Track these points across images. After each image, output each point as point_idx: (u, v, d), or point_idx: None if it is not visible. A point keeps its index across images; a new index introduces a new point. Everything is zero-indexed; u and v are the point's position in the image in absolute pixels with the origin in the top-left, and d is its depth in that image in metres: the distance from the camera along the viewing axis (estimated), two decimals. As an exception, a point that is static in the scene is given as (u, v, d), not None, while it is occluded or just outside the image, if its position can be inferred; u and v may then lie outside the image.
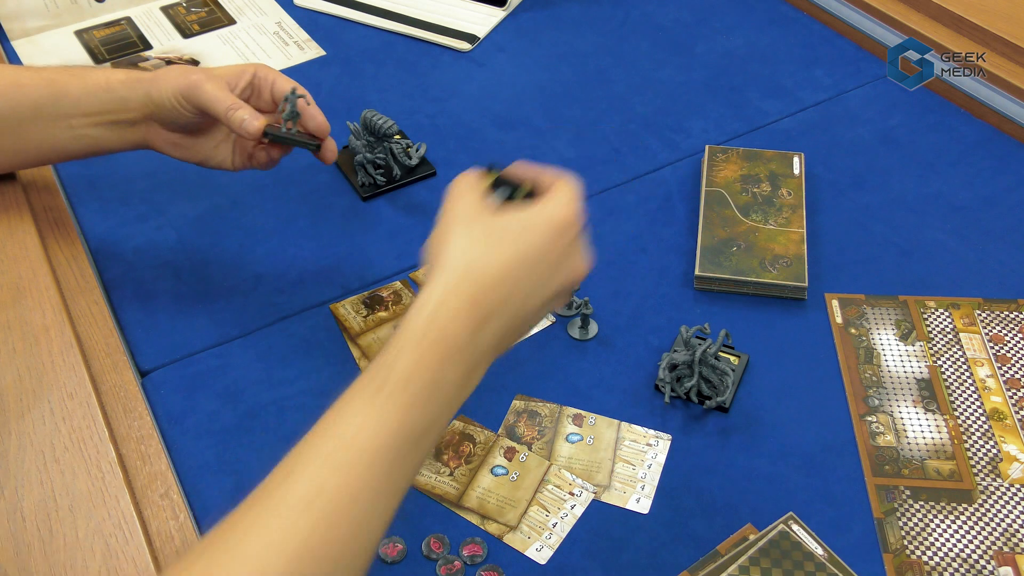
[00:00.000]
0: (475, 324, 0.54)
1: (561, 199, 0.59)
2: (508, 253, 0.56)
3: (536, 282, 0.57)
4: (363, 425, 0.50)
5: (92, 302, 0.78)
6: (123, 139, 0.77)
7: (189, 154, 0.78)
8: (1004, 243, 0.87)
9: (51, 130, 0.76)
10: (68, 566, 0.58)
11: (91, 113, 0.75)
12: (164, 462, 0.67)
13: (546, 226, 0.57)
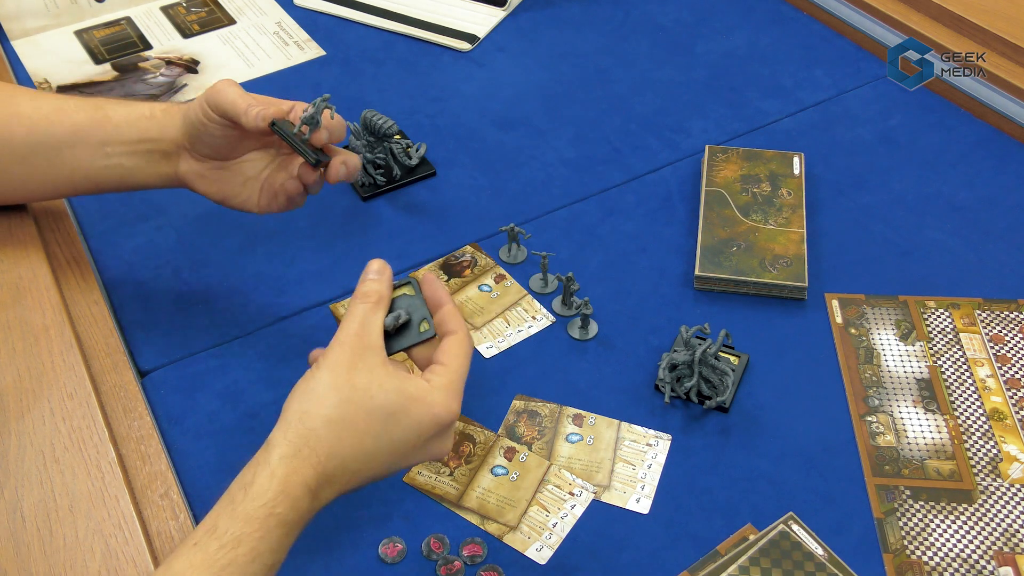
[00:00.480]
0: (314, 500, 0.55)
1: (442, 394, 0.58)
2: (367, 445, 0.56)
3: (390, 466, 0.58)
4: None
5: (92, 302, 0.78)
6: (156, 170, 0.75)
7: (215, 188, 0.75)
8: (1004, 243, 0.87)
9: (87, 156, 0.74)
10: (68, 566, 0.58)
11: (129, 141, 0.74)
12: (164, 462, 0.67)
13: (417, 427, 0.57)
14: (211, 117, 0.70)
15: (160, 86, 1.09)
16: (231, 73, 1.11)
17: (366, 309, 0.59)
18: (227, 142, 0.73)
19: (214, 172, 0.75)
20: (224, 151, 0.74)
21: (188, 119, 0.72)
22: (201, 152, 0.74)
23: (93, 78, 1.10)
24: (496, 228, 0.89)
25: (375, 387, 0.56)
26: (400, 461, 0.58)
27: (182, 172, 0.75)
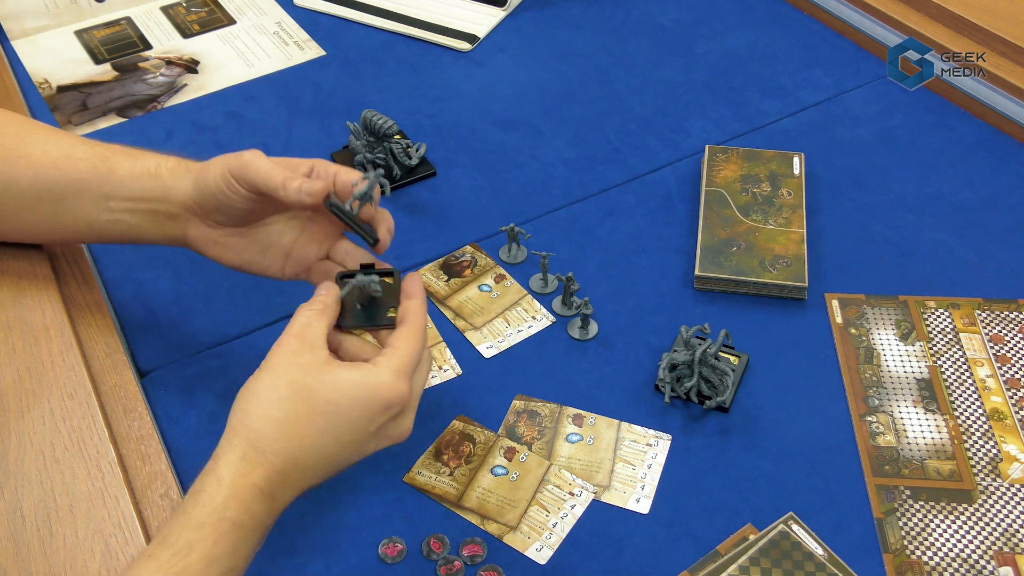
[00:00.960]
0: (271, 501, 0.54)
1: (388, 375, 0.57)
2: (316, 439, 0.56)
3: (348, 456, 0.58)
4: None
5: (92, 302, 0.78)
6: (161, 230, 0.70)
7: (231, 255, 0.70)
8: (1004, 243, 0.87)
9: (91, 209, 0.70)
10: (68, 566, 0.58)
11: (133, 198, 0.69)
12: (164, 462, 0.67)
13: (366, 411, 0.57)
14: (237, 191, 0.65)
15: (160, 86, 1.09)
16: (231, 73, 1.11)
17: (309, 315, 0.60)
18: (251, 213, 0.68)
19: (230, 239, 0.69)
20: (244, 220, 0.68)
21: (204, 187, 0.66)
22: (216, 220, 0.68)
23: (93, 78, 1.10)
24: (496, 228, 0.89)
25: (316, 382, 0.56)
26: (357, 450, 0.58)
27: (191, 237, 0.69)
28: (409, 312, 0.62)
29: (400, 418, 0.59)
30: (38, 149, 0.71)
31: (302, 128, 1.03)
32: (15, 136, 0.72)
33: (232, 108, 1.06)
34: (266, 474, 0.54)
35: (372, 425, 0.57)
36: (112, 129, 1.02)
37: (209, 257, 0.70)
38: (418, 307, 0.63)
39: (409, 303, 0.63)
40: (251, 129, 1.03)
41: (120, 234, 0.71)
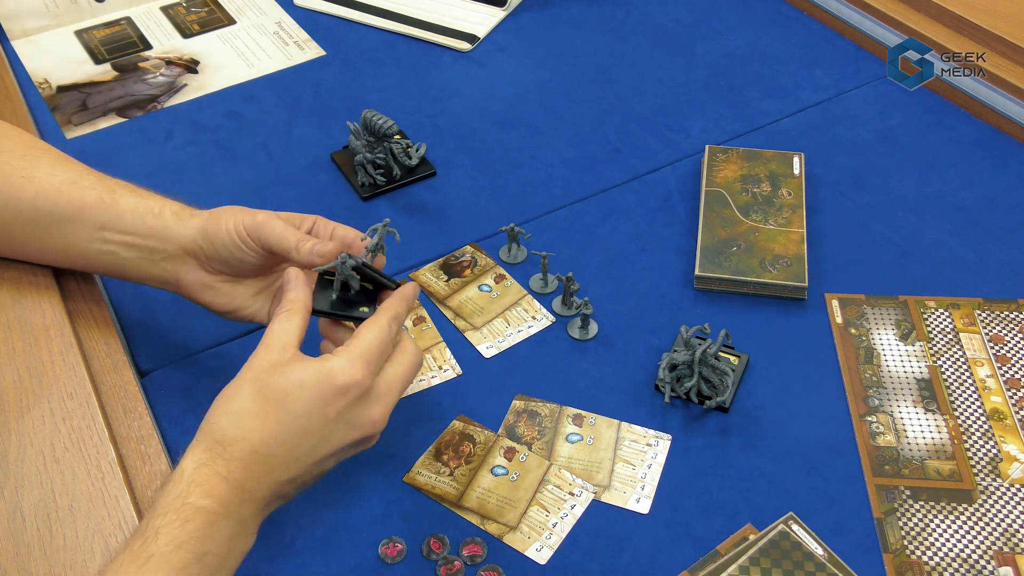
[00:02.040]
0: (241, 491, 0.55)
1: (341, 360, 0.58)
2: (273, 427, 0.56)
3: (315, 447, 0.58)
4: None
5: (92, 302, 0.78)
6: (153, 270, 0.70)
7: (222, 301, 0.71)
8: (1004, 243, 0.87)
9: (85, 237, 0.70)
10: (68, 566, 0.58)
11: (132, 233, 0.69)
12: (164, 462, 0.67)
13: (319, 397, 0.57)
14: (251, 247, 0.67)
15: (160, 86, 1.09)
16: (231, 73, 1.11)
17: (279, 319, 0.61)
18: (259, 269, 0.70)
19: (224, 285, 0.71)
20: (249, 273, 0.71)
21: (215, 237, 0.67)
22: (217, 268, 0.70)
23: (93, 78, 1.10)
24: (496, 228, 0.89)
25: (275, 377, 0.57)
26: (320, 436, 0.58)
27: (185, 282, 0.70)
28: (383, 305, 0.64)
29: (364, 404, 0.59)
30: (44, 172, 0.71)
31: (302, 128, 1.03)
32: (23, 157, 0.73)
33: (232, 108, 1.06)
34: (227, 464, 0.55)
35: (329, 409, 0.58)
36: (112, 129, 1.02)
37: (197, 302, 0.71)
38: (394, 302, 0.64)
39: (389, 296, 0.64)
40: (251, 129, 1.03)
41: (108, 266, 0.72)
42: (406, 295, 0.65)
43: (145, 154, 0.99)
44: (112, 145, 1.01)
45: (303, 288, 0.63)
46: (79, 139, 1.01)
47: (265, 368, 0.58)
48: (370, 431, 0.60)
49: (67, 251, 0.72)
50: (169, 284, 0.71)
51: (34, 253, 0.75)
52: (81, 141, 1.01)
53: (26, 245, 0.74)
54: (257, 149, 1.00)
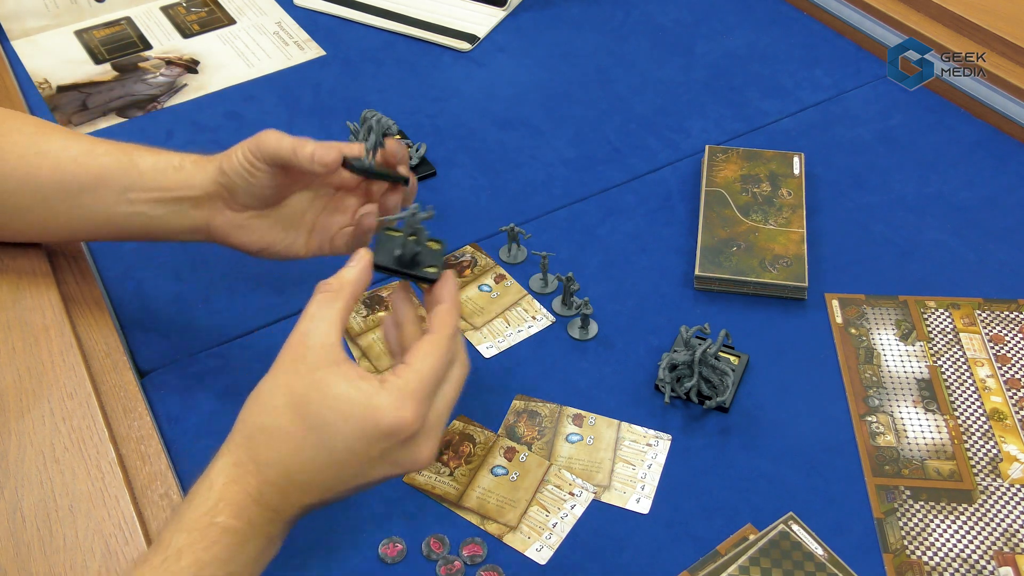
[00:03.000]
0: (270, 511, 0.52)
1: (391, 398, 0.51)
2: (308, 455, 0.52)
3: (351, 480, 0.53)
4: None
5: (92, 302, 0.78)
6: (183, 220, 0.70)
7: (254, 238, 0.70)
8: (1004, 243, 0.87)
9: (110, 202, 0.69)
10: (68, 566, 0.58)
11: (154, 188, 0.69)
12: (164, 462, 0.67)
13: (360, 436, 0.51)
14: (258, 166, 0.66)
15: (160, 86, 1.09)
16: (231, 73, 1.11)
17: (320, 302, 0.54)
18: (276, 190, 0.68)
19: (253, 221, 0.70)
20: (271, 199, 0.69)
21: (228, 170, 0.67)
22: (242, 202, 0.69)
23: (93, 78, 1.10)
24: (496, 228, 0.89)
25: (314, 393, 0.52)
26: (360, 474, 0.53)
27: (216, 225, 0.69)
28: (435, 320, 0.56)
29: (412, 445, 0.53)
30: (57, 145, 0.71)
31: (302, 128, 1.03)
32: (33, 134, 0.72)
33: (232, 108, 1.06)
34: (258, 484, 0.52)
35: (372, 450, 0.52)
36: (112, 129, 1.02)
37: (233, 244, 0.70)
38: (447, 313, 0.56)
39: (438, 308, 0.57)
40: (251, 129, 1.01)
41: (139, 228, 0.71)
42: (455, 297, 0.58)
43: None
44: (112, 145, 1.00)
45: (356, 266, 0.56)
46: (79, 139, 1.01)
47: (301, 374, 0.52)
48: (415, 468, 0.54)
49: (94, 221, 0.71)
50: (200, 232, 0.70)
51: (61, 230, 0.74)
52: (81, 141, 1.01)
53: (51, 223, 0.73)
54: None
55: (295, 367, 0.53)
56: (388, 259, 0.58)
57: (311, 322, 0.54)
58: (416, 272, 0.58)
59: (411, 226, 0.59)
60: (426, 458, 0.53)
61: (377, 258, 0.58)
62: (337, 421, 0.51)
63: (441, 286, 0.58)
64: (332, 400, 0.51)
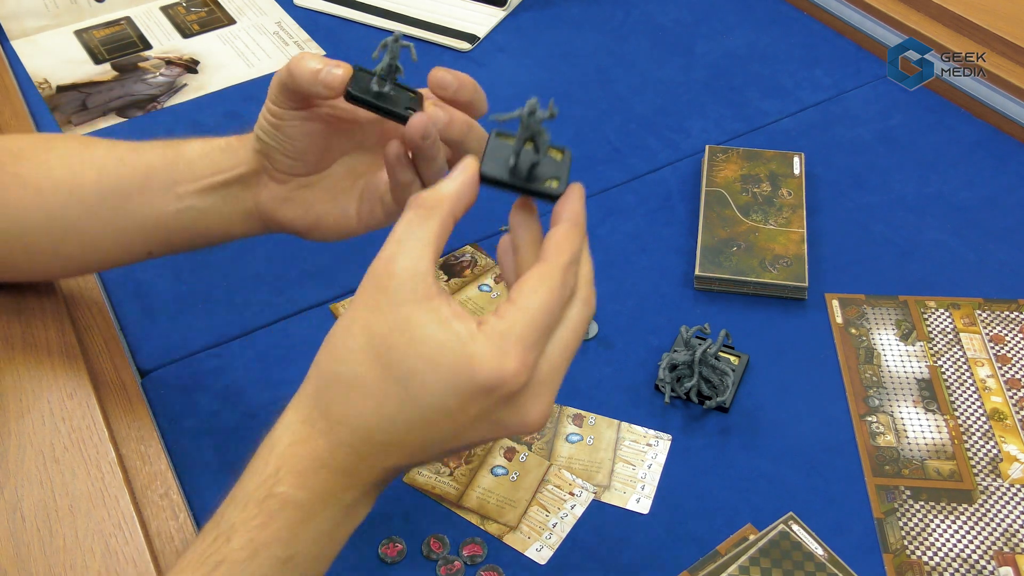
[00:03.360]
0: (346, 476, 0.44)
1: (489, 345, 0.42)
2: (389, 411, 0.43)
3: (436, 441, 0.44)
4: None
5: (92, 302, 0.78)
6: (234, 205, 0.63)
7: (302, 211, 0.62)
8: (1004, 243, 0.87)
9: (158, 201, 0.63)
10: (68, 566, 0.58)
11: (203, 176, 0.63)
12: (164, 462, 0.67)
13: (452, 389, 0.42)
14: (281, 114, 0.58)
15: (160, 86, 1.09)
16: (231, 73, 1.11)
17: (409, 221, 0.45)
18: (310, 142, 0.60)
19: (300, 192, 0.62)
20: (312, 159, 0.61)
21: (260, 131, 0.61)
22: (282, 167, 0.61)
23: (93, 78, 1.10)
24: (496, 228, 0.89)
25: (397, 336, 0.42)
26: (457, 436, 0.44)
27: (263, 201, 0.62)
28: (548, 245, 0.45)
29: (518, 403, 0.44)
30: (102, 151, 0.66)
31: (302, 128, 1.03)
32: (78, 146, 0.67)
33: (232, 108, 1.06)
34: (329, 446, 0.44)
35: (469, 408, 0.43)
36: (112, 129, 1.02)
37: (282, 224, 0.63)
38: (563, 238, 0.45)
39: (552, 232, 0.46)
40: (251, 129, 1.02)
41: (189, 225, 0.64)
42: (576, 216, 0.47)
43: (145, 154, 0.99)
44: (112, 145, 1.00)
45: (459, 177, 0.47)
46: (79, 139, 1.01)
47: (382, 310, 0.43)
48: (523, 431, 0.45)
49: (143, 228, 0.64)
50: (251, 217, 0.63)
51: (106, 245, 0.66)
52: (81, 141, 1.01)
53: (100, 240, 0.66)
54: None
55: (376, 301, 0.43)
56: (499, 170, 0.47)
57: (397, 245, 0.44)
58: (533, 187, 0.47)
59: (528, 128, 0.47)
60: (536, 419, 0.44)
61: (485, 168, 0.47)
62: (425, 371, 0.42)
63: (562, 204, 0.47)
64: (419, 345, 0.42)
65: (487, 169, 0.47)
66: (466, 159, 0.47)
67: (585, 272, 0.46)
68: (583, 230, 0.46)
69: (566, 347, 0.45)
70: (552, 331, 0.44)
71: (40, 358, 0.70)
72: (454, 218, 0.46)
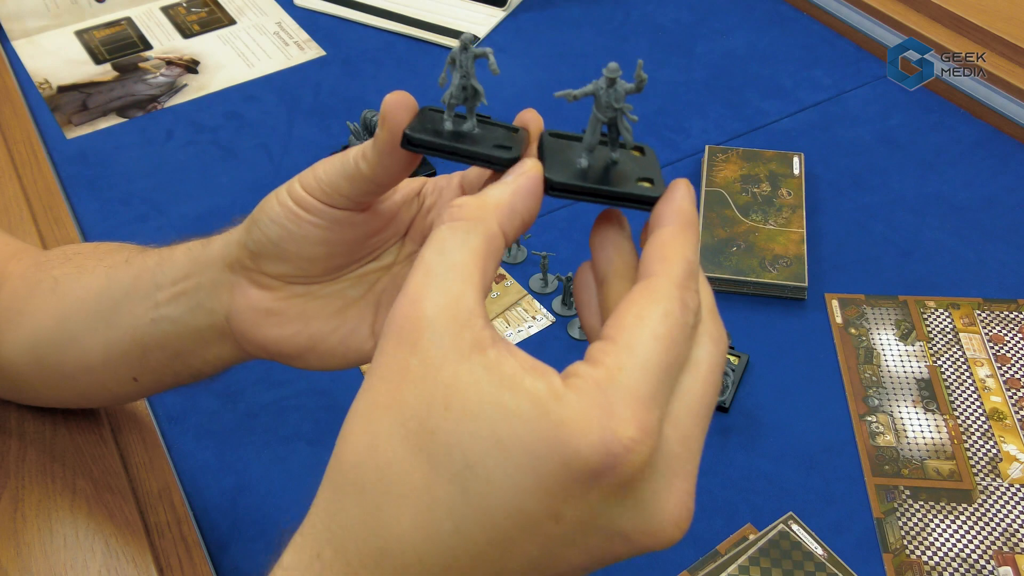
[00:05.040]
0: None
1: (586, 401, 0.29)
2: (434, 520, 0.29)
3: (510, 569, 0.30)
4: None
5: (92, 302, 0.78)
6: (200, 320, 0.47)
7: (289, 329, 0.45)
8: (1004, 243, 0.87)
9: (138, 309, 0.50)
10: (68, 566, 0.58)
11: (178, 279, 0.48)
12: (164, 462, 0.67)
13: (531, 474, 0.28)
14: (314, 207, 0.42)
15: (160, 86, 1.09)
16: (231, 74, 1.11)
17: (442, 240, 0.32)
18: (330, 248, 0.43)
19: (290, 303, 0.45)
20: (319, 265, 0.44)
21: (261, 220, 0.43)
22: (274, 271, 0.44)
23: (93, 78, 1.10)
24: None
25: (441, 409, 0.29)
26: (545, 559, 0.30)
27: (238, 309, 0.45)
28: (652, 256, 0.32)
29: (639, 494, 0.30)
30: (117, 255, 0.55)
31: (302, 128, 1.03)
32: (95, 246, 0.59)
33: (232, 108, 1.06)
34: None
35: (566, 509, 0.29)
36: (112, 129, 1.02)
37: (264, 346, 0.46)
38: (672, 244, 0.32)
39: (655, 238, 0.33)
40: (251, 129, 1.03)
41: (164, 341, 0.50)
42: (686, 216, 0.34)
43: (145, 154, 1.00)
44: (112, 145, 1.01)
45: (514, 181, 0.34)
46: (79, 139, 1.01)
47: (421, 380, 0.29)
48: (654, 540, 0.32)
49: (122, 342, 0.51)
50: (224, 337, 0.47)
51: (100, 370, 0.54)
52: (81, 141, 1.01)
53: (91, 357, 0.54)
54: (257, 149, 1.00)
55: (403, 364, 0.30)
56: (568, 173, 0.35)
57: (426, 278, 0.30)
58: (622, 190, 0.34)
59: (608, 107, 0.34)
60: (673, 518, 0.32)
61: (550, 173, 0.35)
62: (490, 459, 0.28)
63: (663, 205, 0.34)
64: (476, 420, 0.29)
65: (553, 175, 0.34)
66: (525, 161, 0.35)
67: (707, 297, 0.33)
68: (697, 235, 0.33)
69: (700, 403, 0.31)
70: (676, 379, 0.30)
71: (40, 358, 0.70)
72: (504, 236, 0.33)
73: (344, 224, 0.42)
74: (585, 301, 0.36)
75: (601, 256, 0.35)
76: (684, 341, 0.30)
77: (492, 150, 0.37)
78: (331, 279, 0.45)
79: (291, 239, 0.42)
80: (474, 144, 0.38)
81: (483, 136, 0.39)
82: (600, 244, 0.35)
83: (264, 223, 0.42)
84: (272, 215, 0.42)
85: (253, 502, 0.67)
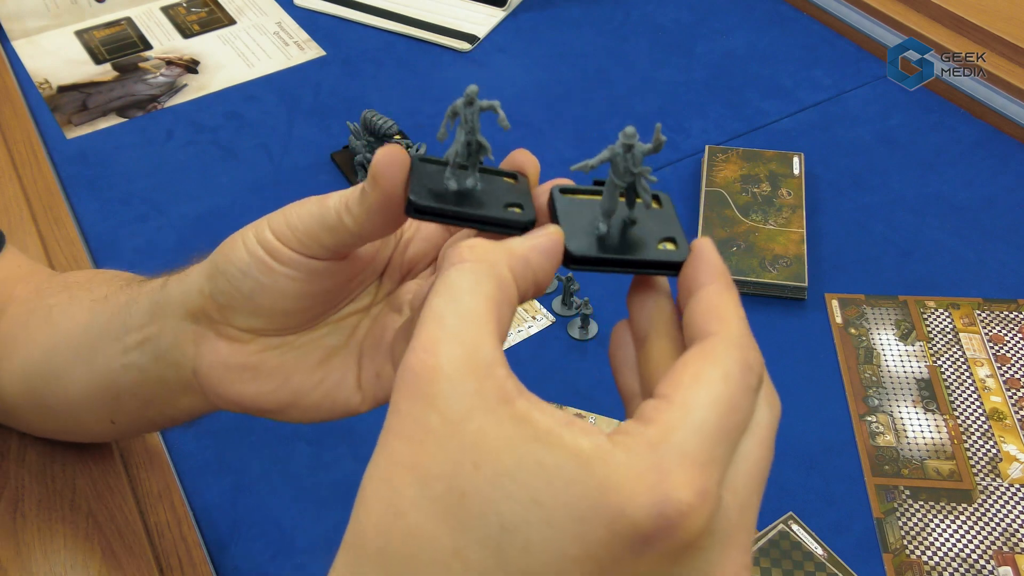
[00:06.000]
0: None
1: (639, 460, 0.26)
2: None
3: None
4: None
5: (92, 302, 0.78)
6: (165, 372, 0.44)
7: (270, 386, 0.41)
8: (1004, 243, 0.87)
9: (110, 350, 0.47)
10: (68, 566, 0.58)
11: (143, 324, 0.45)
12: (164, 462, 0.67)
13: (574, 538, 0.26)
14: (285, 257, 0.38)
15: (160, 86, 1.09)
16: (231, 74, 1.11)
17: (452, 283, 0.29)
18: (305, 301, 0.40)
19: (265, 356, 0.41)
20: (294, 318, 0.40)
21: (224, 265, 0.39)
22: (243, 324, 0.40)
23: (93, 78, 1.10)
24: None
25: (470, 469, 0.26)
26: None
27: (206, 365, 0.41)
28: (700, 317, 0.31)
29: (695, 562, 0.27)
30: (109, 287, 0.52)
31: (302, 128, 1.03)
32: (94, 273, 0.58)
33: (232, 108, 1.06)
34: None
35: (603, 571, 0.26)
36: (112, 129, 1.02)
37: (240, 403, 0.42)
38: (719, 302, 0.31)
39: (701, 298, 0.31)
40: (251, 129, 1.03)
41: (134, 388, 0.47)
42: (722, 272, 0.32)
43: (145, 154, 1.00)
44: (112, 145, 1.01)
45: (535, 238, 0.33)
46: (79, 139, 1.01)
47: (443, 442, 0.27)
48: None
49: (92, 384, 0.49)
50: (191, 389, 0.43)
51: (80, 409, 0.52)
52: (81, 141, 1.01)
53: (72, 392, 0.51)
54: (257, 149, 1.00)
55: (421, 423, 0.27)
56: (588, 243, 0.33)
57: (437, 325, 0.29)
58: (646, 257, 0.33)
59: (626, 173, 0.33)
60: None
61: (570, 243, 0.33)
62: (529, 521, 0.26)
63: (694, 264, 0.32)
64: (511, 480, 0.26)
65: (573, 244, 0.32)
66: (549, 227, 0.34)
67: (755, 350, 0.30)
68: (736, 292, 0.32)
69: (757, 468, 0.29)
70: (736, 443, 0.28)
71: (40, 358, 0.70)
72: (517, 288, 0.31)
73: (323, 274, 0.39)
74: (621, 359, 0.34)
75: (641, 315, 0.34)
76: (747, 404, 0.29)
77: (504, 212, 0.35)
78: (307, 328, 0.41)
79: (264, 292, 0.38)
80: (482, 207, 0.35)
81: (488, 193, 0.36)
82: (640, 303, 0.34)
83: (231, 274, 0.38)
84: (240, 265, 0.38)
85: (253, 502, 0.67)
